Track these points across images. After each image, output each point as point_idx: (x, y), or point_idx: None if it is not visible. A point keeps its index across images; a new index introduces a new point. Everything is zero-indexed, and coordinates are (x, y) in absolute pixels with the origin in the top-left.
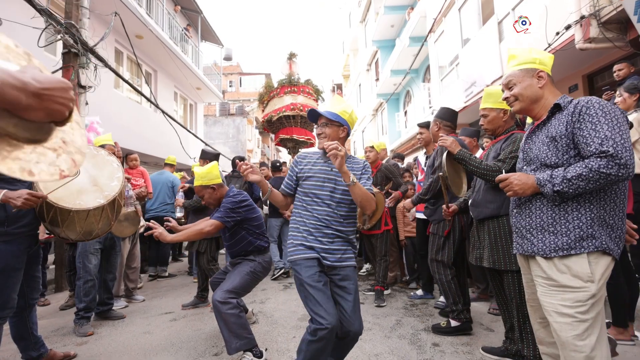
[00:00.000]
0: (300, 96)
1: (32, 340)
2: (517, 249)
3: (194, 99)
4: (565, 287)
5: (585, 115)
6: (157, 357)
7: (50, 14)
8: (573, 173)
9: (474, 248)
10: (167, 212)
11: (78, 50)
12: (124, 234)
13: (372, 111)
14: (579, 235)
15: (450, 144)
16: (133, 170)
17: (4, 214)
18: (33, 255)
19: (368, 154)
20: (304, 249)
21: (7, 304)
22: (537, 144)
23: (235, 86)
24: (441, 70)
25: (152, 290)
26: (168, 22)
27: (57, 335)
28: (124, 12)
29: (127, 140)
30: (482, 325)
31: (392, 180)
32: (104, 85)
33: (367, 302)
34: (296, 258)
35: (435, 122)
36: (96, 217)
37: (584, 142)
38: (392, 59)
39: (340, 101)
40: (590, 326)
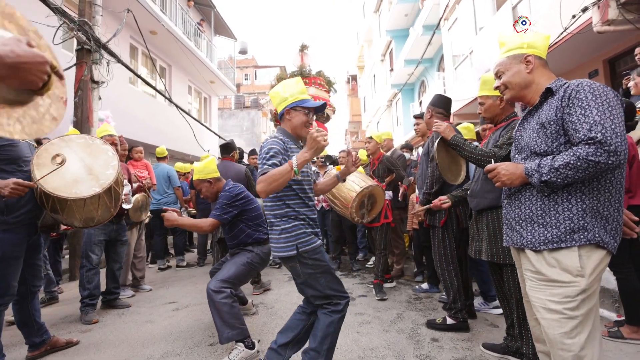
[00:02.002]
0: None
1: (34, 327)
2: (507, 242)
3: (208, 92)
4: (554, 281)
5: (574, 99)
6: (154, 346)
7: (63, 13)
8: (561, 162)
9: (472, 240)
10: (169, 203)
11: (91, 46)
12: (140, 218)
13: (387, 102)
14: (570, 227)
15: (444, 129)
16: (137, 162)
17: (2, 203)
18: (33, 244)
19: (367, 145)
20: (316, 237)
21: (7, 291)
22: (528, 131)
23: (250, 79)
24: (455, 59)
25: (160, 280)
26: (181, 17)
27: (64, 323)
28: (137, 8)
29: (142, 134)
30: (486, 321)
31: (394, 172)
32: (119, 80)
33: (370, 295)
34: (316, 245)
35: (427, 109)
36: (94, 205)
37: (573, 128)
38: (406, 48)
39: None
40: (580, 324)
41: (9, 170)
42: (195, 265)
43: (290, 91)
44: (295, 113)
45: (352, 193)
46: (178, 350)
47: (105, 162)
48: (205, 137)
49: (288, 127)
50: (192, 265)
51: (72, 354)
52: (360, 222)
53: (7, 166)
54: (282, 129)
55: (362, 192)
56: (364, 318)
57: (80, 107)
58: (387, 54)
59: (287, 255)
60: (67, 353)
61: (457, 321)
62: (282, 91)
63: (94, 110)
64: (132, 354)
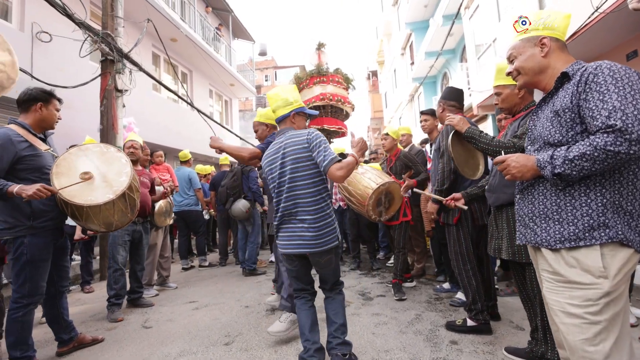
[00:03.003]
0: (330, 85)
1: (63, 324)
2: (520, 239)
3: (229, 95)
4: (573, 283)
5: (592, 83)
6: (172, 344)
7: (88, 27)
8: (576, 152)
9: (492, 238)
10: (190, 205)
11: (114, 57)
12: (164, 223)
13: (409, 96)
14: (589, 224)
15: (457, 122)
16: (159, 166)
17: (29, 209)
18: (60, 246)
19: (383, 141)
20: None
21: (37, 291)
22: (542, 120)
23: (270, 80)
24: (478, 49)
25: (183, 280)
26: (200, 23)
27: (92, 320)
28: (157, 17)
29: (165, 139)
30: (511, 323)
31: (412, 168)
32: (143, 88)
33: (389, 294)
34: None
35: (439, 103)
36: (109, 210)
37: (590, 116)
38: (426, 40)
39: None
40: (605, 329)
41: (32, 178)
42: (217, 265)
43: (293, 96)
44: (299, 117)
45: (369, 190)
46: (194, 349)
47: (119, 169)
48: (227, 139)
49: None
50: (214, 265)
51: (97, 351)
52: (377, 220)
53: (31, 174)
54: (290, 128)
55: (378, 189)
56: (381, 319)
57: (105, 115)
58: (407, 47)
59: (333, 245)
60: (92, 350)
61: (478, 323)
62: (287, 95)
63: (118, 117)
64: (151, 352)
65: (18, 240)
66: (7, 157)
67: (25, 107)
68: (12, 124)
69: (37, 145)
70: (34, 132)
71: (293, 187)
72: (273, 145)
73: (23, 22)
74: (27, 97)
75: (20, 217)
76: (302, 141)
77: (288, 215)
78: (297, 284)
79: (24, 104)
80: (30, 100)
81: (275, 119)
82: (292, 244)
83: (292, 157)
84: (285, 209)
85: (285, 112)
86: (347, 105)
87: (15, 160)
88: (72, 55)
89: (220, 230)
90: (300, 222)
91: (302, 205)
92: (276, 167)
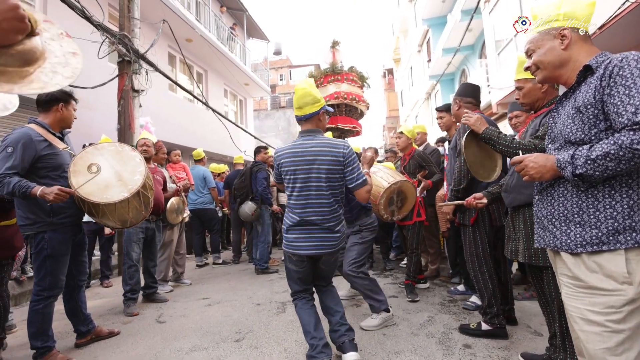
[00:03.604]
0: (344, 84)
1: (81, 317)
2: (539, 242)
3: (243, 94)
4: (594, 289)
5: (617, 77)
6: (185, 339)
7: (105, 29)
8: (599, 152)
9: (508, 240)
10: (204, 203)
11: (130, 58)
12: (177, 220)
13: (425, 94)
14: (613, 227)
15: (474, 121)
16: (176, 164)
17: (49, 206)
18: (78, 242)
19: (397, 140)
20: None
21: (57, 284)
22: (562, 117)
23: (285, 79)
24: (498, 44)
25: (197, 277)
26: (215, 23)
27: (110, 314)
28: (173, 18)
29: (181, 138)
30: (529, 328)
31: (426, 168)
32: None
33: (401, 295)
34: None
35: (455, 101)
36: (124, 208)
37: (615, 112)
38: (443, 36)
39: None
40: (628, 339)
41: (53, 176)
42: (231, 262)
43: (319, 93)
44: (325, 116)
45: (380, 189)
46: (205, 345)
47: (133, 168)
48: (242, 138)
49: (321, 128)
50: (228, 262)
51: (113, 343)
52: (390, 219)
53: (52, 173)
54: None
55: (390, 187)
56: (392, 320)
57: (123, 115)
58: (424, 44)
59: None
60: (108, 342)
61: (493, 327)
62: (316, 92)
63: (135, 117)
64: (164, 346)
65: (39, 236)
66: (28, 155)
67: (46, 107)
68: (32, 123)
69: (55, 144)
70: (52, 132)
71: (320, 195)
72: (299, 145)
73: None
74: (48, 98)
75: (41, 213)
76: (339, 154)
77: (307, 220)
78: (300, 285)
79: (45, 104)
80: (52, 101)
81: (301, 116)
82: (311, 245)
83: (325, 167)
84: (305, 214)
85: (315, 110)
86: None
87: (36, 158)
88: (91, 56)
89: (234, 229)
90: (320, 225)
91: (325, 214)
92: (300, 169)
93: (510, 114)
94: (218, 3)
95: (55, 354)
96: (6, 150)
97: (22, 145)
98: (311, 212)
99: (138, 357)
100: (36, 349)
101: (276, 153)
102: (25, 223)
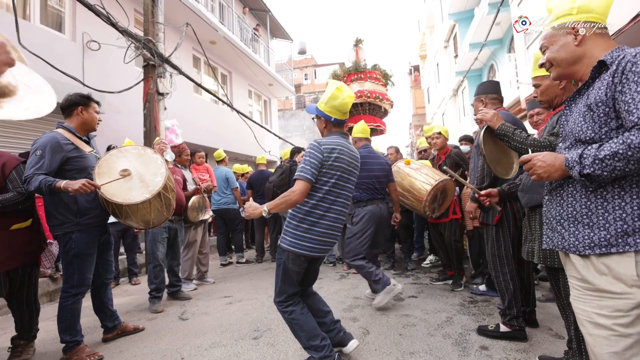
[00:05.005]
0: (368, 82)
1: (107, 313)
2: (547, 243)
3: (268, 95)
4: (603, 291)
5: (629, 73)
6: (205, 336)
7: (130, 34)
8: (607, 151)
9: (525, 240)
10: (227, 203)
11: (155, 62)
12: (197, 219)
13: (452, 91)
14: (622, 229)
15: (490, 117)
16: (200, 166)
17: (75, 207)
18: (104, 242)
19: (435, 140)
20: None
21: (84, 282)
22: (574, 115)
23: (310, 79)
24: (527, 38)
25: (221, 275)
26: (238, 25)
27: (136, 311)
28: (196, 21)
29: (207, 139)
30: (550, 331)
31: (462, 166)
32: (184, 91)
33: (421, 296)
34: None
35: (480, 99)
36: (146, 209)
37: (626, 110)
38: (470, 31)
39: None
40: (637, 343)
41: (78, 177)
42: (254, 262)
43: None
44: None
45: (427, 186)
46: (224, 342)
47: (155, 170)
48: (266, 138)
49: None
50: (251, 262)
51: (137, 338)
52: (430, 216)
53: (78, 175)
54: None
55: (437, 185)
56: (410, 320)
57: (148, 118)
58: (450, 40)
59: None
60: (133, 338)
61: (512, 329)
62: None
63: (160, 120)
64: (185, 342)
65: (67, 236)
66: (56, 158)
67: (67, 112)
68: (60, 128)
69: (81, 148)
70: (78, 135)
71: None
72: (348, 144)
73: (75, 32)
74: (68, 103)
75: (68, 214)
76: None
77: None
78: (296, 287)
79: (66, 109)
80: (71, 105)
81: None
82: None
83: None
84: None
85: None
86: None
87: (63, 161)
88: (117, 61)
89: (257, 228)
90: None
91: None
92: (349, 170)
93: (531, 111)
94: (241, 4)
95: (83, 348)
96: (35, 153)
97: (50, 148)
98: (343, 212)
99: (160, 352)
100: (65, 343)
101: (328, 145)
102: (54, 224)
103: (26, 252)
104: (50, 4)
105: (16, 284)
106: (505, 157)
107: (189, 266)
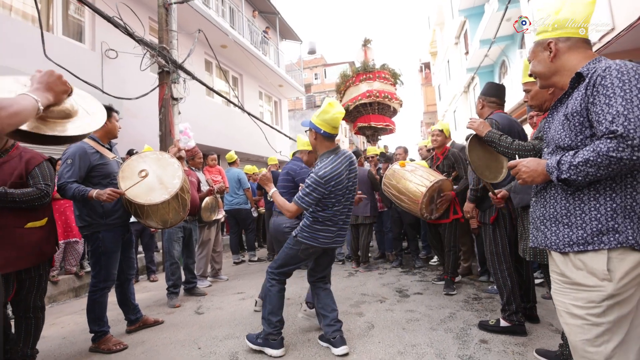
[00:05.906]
0: (376, 82)
1: (130, 306)
2: (533, 242)
3: (278, 96)
4: (578, 285)
5: (599, 86)
6: (219, 329)
7: (145, 43)
8: (580, 158)
9: (521, 239)
10: (239, 204)
11: (169, 68)
12: (210, 218)
13: (463, 88)
14: (597, 228)
15: (477, 126)
16: (212, 168)
17: (101, 209)
18: (127, 241)
19: (436, 137)
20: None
21: (109, 277)
22: (555, 122)
23: (320, 78)
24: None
25: (234, 273)
26: (248, 28)
27: (155, 305)
28: (207, 26)
29: (219, 141)
30: (550, 326)
31: (456, 169)
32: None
33: (426, 292)
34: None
35: (479, 99)
36: (165, 209)
37: (597, 120)
38: (481, 27)
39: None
40: (608, 331)
41: (104, 183)
42: (266, 260)
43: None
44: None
45: (422, 188)
46: (237, 334)
47: (172, 173)
48: (277, 139)
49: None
50: (263, 260)
51: (157, 330)
52: (428, 217)
53: (103, 180)
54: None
55: (432, 186)
56: (414, 315)
57: (163, 123)
58: (461, 36)
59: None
60: (154, 330)
61: (511, 324)
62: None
63: (175, 124)
64: (201, 334)
65: (94, 236)
66: (84, 166)
67: None
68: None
69: (105, 155)
70: (102, 143)
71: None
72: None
73: (94, 42)
74: None
75: (96, 216)
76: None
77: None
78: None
79: None
80: None
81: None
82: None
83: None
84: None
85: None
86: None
87: (90, 168)
88: (134, 68)
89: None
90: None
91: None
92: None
93: (531, 112)
94: (251, 8)
95: (109, 337)
96: (66, 162)
97: (78, 157)
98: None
99: (179, 342)
100: (94, 333)
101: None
102: (83, 225)
103: (38, 252)
104: (71, 14)
105: (25, 285)
106: (495, 162)
107: (204, 264)
